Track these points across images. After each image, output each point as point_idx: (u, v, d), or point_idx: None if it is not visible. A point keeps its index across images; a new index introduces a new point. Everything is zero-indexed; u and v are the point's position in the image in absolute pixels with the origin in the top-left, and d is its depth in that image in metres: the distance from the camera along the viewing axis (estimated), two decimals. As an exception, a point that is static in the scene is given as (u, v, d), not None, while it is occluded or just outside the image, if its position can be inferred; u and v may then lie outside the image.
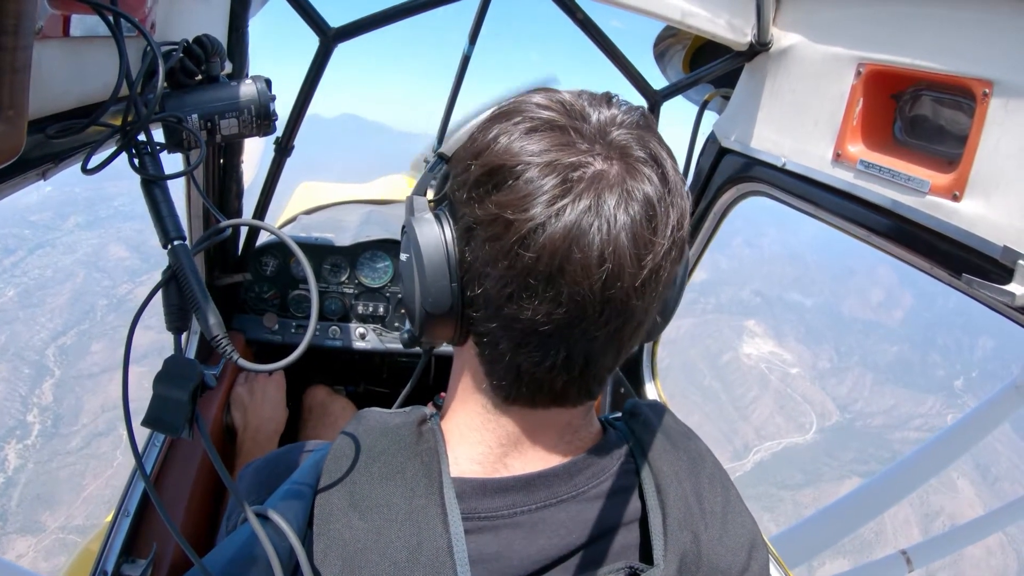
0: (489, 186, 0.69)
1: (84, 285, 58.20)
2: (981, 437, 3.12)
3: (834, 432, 56.82)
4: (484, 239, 0.70)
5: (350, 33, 1.57)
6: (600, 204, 0.65)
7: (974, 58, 1.09)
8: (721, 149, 1.85)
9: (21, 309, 52.79)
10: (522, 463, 0.79)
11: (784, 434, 55.60)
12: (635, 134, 0.71)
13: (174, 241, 0.83)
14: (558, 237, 0.65)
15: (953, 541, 3.32)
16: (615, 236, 0.65)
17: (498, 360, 0.75)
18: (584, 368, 0.74)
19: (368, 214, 2.98)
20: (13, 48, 0.57)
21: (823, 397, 61.78)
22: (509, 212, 0.66)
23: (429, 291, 0.74)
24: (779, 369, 64.95)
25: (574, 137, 0.69)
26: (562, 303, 0.67)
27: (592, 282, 0.66)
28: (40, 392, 45.39)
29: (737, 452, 52.51)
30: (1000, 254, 1.01)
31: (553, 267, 0.66)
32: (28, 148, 0.69)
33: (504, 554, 0.74)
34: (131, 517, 1.59)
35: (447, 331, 0.78)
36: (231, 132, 1.11)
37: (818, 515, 3.31)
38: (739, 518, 0.84)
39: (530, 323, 0.69)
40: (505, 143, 0.69)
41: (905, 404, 61.99)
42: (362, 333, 2.42)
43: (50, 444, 41.50)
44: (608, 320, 0.69)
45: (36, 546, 34.78)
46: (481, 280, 0.71)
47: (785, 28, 1.57)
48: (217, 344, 0.78)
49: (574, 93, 0.75)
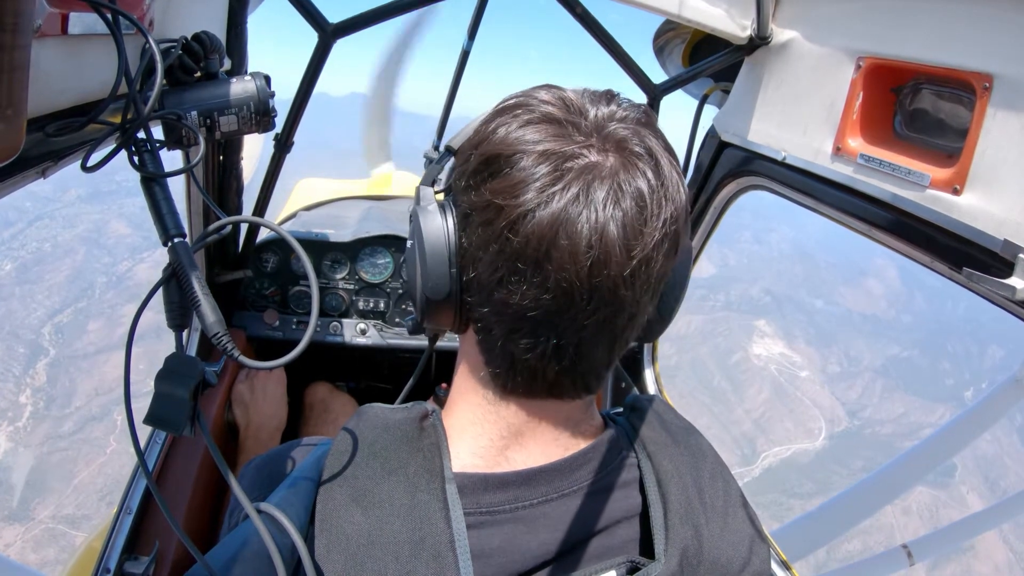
0: (485, 174, 0.71)
1: (84, 262, 57.05)
2: (981, 432, 3.12)
3: (843, 439, 56.25)
4: (478, 224, 0.72)
5: (349, 29, 1.57)
6: (590, 193, 0.66)
7: (974, 52, 1.08)
8: (721, 143, 1.85)
9: (18, 285, 51.67)
10: (523, 456, 0.79)
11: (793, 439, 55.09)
12: (633, 129, 0.72)
13: (174, 238, 0.84)
14: (546, 223, 0.66)
15: (954, 535, 3.33)
16: (603, 224, 0.66)
17: (493, 347, 0.76)
18: (576, 358, 0.75)
19: (368, 210, 2.98)
20: (12, 46, 0.57)
21: (832, 402, 61.17)
22: (501, 198, 0.68)
23: (429, 277, 0.77)
24: (789, 372, 64.33)
25: (571, 130, 0.70)
26: (549, 288, 0.68)
27: (579, 268, 0.67)
28: (34, 372, 44.54)
29: (746, 457, 51.99)
30: (1000, 247, 1.01)
31: (540, 252, 0.67)
32: (27, 146, 0.69)
33: (506, 548, 0.74)
34: (133, 514, 1.59)
35: (447, 317, 0.80)
36: (230, 129, 1.11)
37: (819, 510, 3.31)
38: (740, 513, 0.84)
39: (519, 308, 0.70)
40: (503, 133, 0.71)
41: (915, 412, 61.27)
42: (363, 329, 2.42)
43: (42, 427, 40.44)
44: (596, 308, 0.70)
45: (24, 536, 33.91)
46: (475, 265, 0.74)
47: (785, 22, 1.56)
48: (218, 341, 0.78)
49: (578, 91, 0.76)
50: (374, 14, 1.57)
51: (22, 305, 49.75)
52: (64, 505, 35.73)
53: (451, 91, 2.34)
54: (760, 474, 50.35)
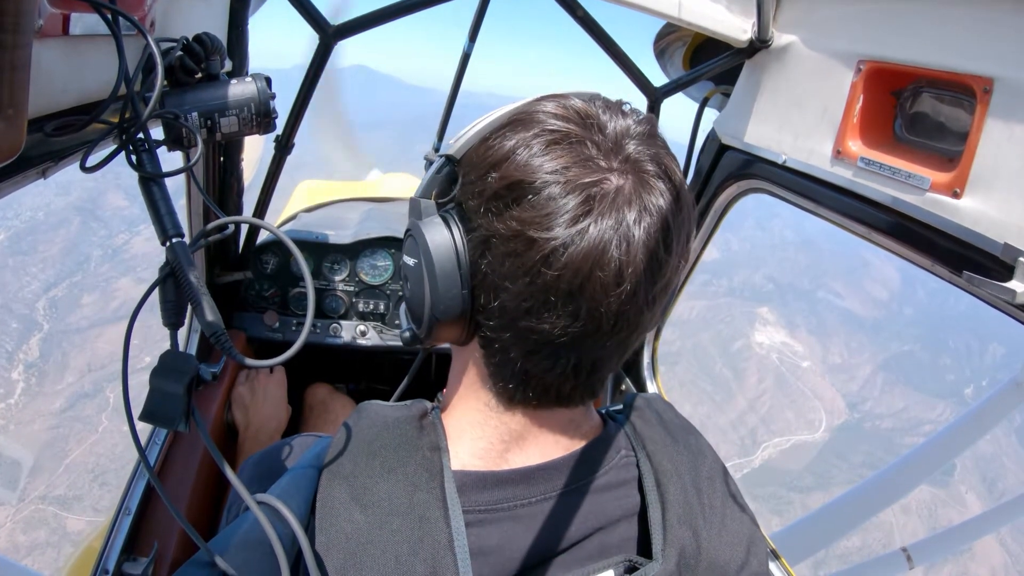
0: (508, 199, 0.70)
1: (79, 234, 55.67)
2: (981, 435, 3.12)
3: (843, 432, 55.77)
4: (504, 253, 0.70)
5: (349, 31, 1.57)
6: (620, 222, 0.67)
7: (974, 55, 1.08)
8: (721, 146, 1.85)
9: (11, 256, 50.26)
10: (523, 458, 0.79)
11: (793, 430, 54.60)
12: (647, 146, 0.73)
13: (172, 238, 0.84)
14: (580, 257, 0.66)
15: (954, 539, 3.32)
16: (634, 255, 0.68)
17: (506, 365, 0.76)
18: (591, 372, 0.77)
19: (368, 211, 2.98)
20: (13, 46, 0.57)
21: (833, 393, 60.64)
22: (532, 230, 0.67)
23: (441, 298, 0.75)
24: (790, 361, 63.71)
25: (592, 152, 0.70)
26: (580, 318, 0.69)
27: (610, 300, 0.68)
28: (27, 347, 43.02)
29: (746, 447, 51.51)
30: (1000, 251, 1.01)
31: (574, 285, 0.67)
32: (28, 146, 0.69)
33: (505, 546, 0.75)
34: (132, 515, 1.59)
35: (453, 334, 0.80)
36: (231, 130, 1.12)
37: (819, 511, 3.31)
38: (738, 513, 0.84)
39: (546, 335, 0.71)
40: (525, 157, 0.70)
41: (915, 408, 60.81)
42: (363, 331, 2.42)
43: (33, 403, 39.35)
44: (619, 331, 0.72)
45: (14, 517, 32.58)
46: (498, 292, 0.72)
47: (785, 25, 1.56)
48: (216, 340, 0.78)
49: (585, 100, 0.75)
50: (374, 16, 1.57)
51: (15, 277, 48.47)
52: (55, 485, 34.75)
53: (452, 93, 2.34)
54: (760, 465, 49.87)
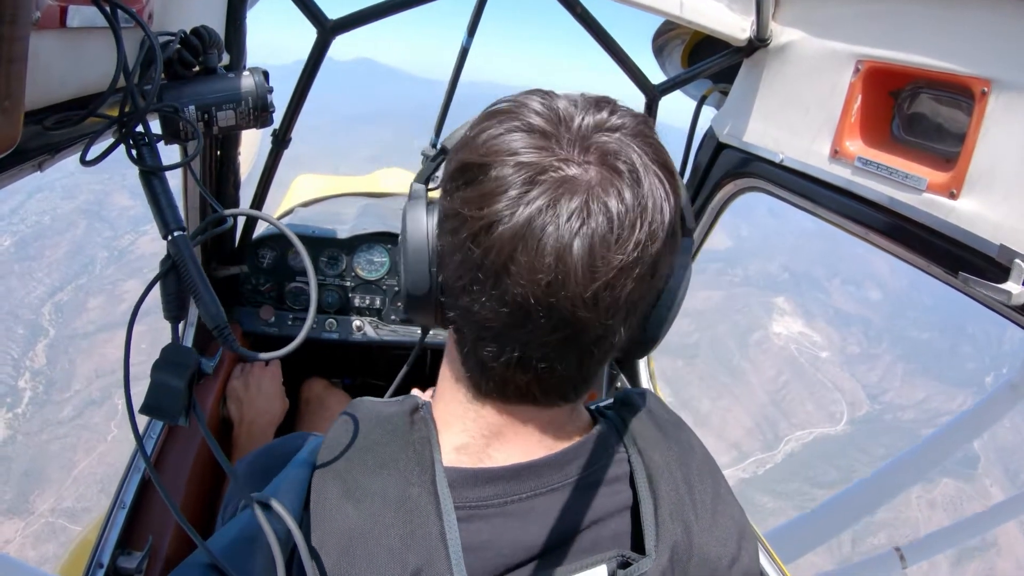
0: (460, 181, 0.71)
1: (84, 236, 55.13)
2: (977, 435, 3.14)
3: (865, 424, 54.46)
4: (447, 230, 0.73)
5: (348, 25, 1.57)
6: (557, 209, 0.64)
7: (973, 56, 1.08)
8: (719, 144, 1.85)
9: (17, 262, 49.62)
10: (505, 456, 0.79)
11: (815, 423, 53.19)
12: (622, 140, 0.69)
13: (174, 232, 0.83)
14: (506, 236, 0.65)
15: (947, 538, 3.34)
16: (566, 243, 0.64)
17: (470, 354, 0.78)
18: (544, 371, 0.74)
19: (365, 207, 2.98)
20: (10, 38, 0.57)
21: (853, 385, 59.08)
22: (468, 208, 0.68)
23: (410, 275, 0.80)
24: (808, 352, 62.07)
25: (552, 142, 0.68)
26: (507, 302, 0.68)
27: (535, 286, 0.65)
28: (33, 355, 42.00)
29: (768, 442, 50.04)
30: (997, 252, 1.01)
31: (498, 265, 0.67)
32: (25, 139, 0.69)
33: (495, 542, 0.75)
34: (127, 509, 1.59)
35: (428, 314, 0.83)
36: (228, 124, 1.11)
37: (819, 511, 3.33)
38: (728, 509, 0.84)
39: (481, 317, 0.71)
40: (483, 140, 0.70)
41: (936, 398, 59.16)
42: (359, 326, 2.42)
43: (41, 412, 38.47)
44: (556, 327, 0.69)
45: (24, 531, 31.75)
46: (444, 269, 0.76)
47: (784, 24, 1.56)
48: (219, 333, 0.78)
49: (571, 98, 0.74)
50: (373, 11, 1.57)
51: (21, 283, 47.84)
52: (64, 497, 34.22)
53: (450, 88, 2.34)
54: (783, 460, 48.37)
